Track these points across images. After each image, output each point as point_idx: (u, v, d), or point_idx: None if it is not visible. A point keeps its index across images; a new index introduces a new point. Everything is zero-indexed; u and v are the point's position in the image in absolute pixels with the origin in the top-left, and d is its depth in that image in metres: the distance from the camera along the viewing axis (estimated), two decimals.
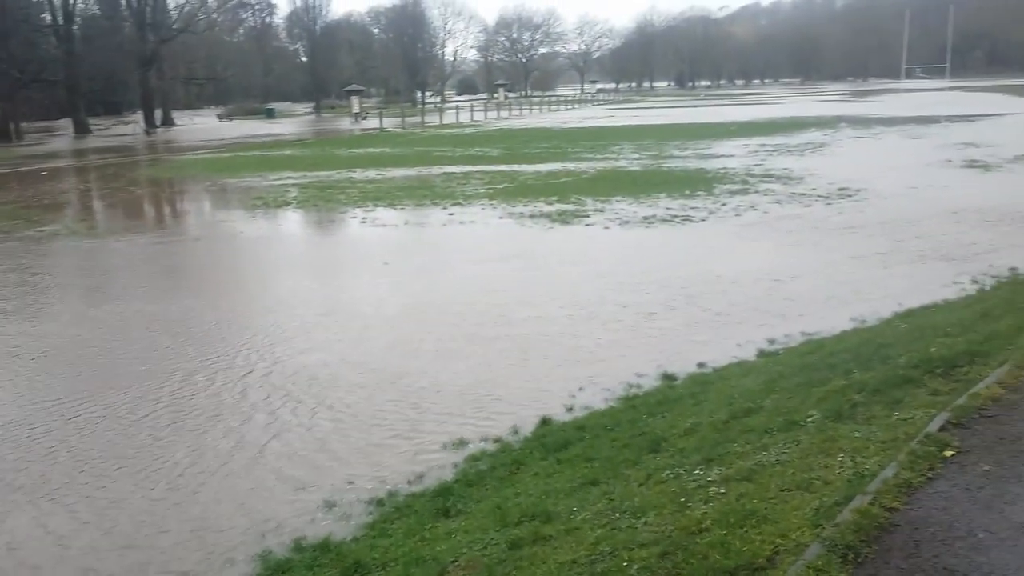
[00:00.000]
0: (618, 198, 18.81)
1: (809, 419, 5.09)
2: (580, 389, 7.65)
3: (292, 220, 18.68)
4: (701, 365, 8.05)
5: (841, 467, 4.17)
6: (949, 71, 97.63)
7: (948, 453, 4.12)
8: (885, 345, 6.33)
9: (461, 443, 6.56)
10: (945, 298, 9.55)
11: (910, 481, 3.83)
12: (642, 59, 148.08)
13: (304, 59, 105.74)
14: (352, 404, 7.52)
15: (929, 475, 3.91)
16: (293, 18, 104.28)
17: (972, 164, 22.96)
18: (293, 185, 23.79)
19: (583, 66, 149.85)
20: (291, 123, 68.32)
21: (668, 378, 7.74)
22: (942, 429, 4.39)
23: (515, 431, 6.73)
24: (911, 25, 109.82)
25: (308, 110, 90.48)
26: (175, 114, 70.61)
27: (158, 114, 66.80)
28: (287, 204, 20.40)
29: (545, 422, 6.85)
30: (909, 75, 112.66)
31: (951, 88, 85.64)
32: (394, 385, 7.95)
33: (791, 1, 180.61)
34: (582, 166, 26.01)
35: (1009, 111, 48.14)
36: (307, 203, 20.44)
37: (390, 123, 53.67)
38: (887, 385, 5.33)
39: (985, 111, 48.44)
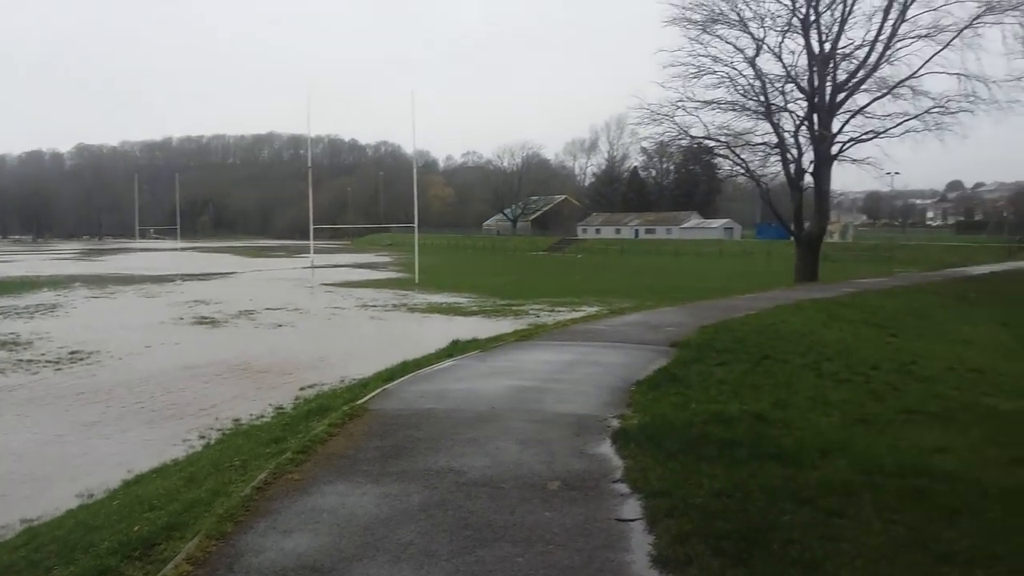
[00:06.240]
0: None
1: None
2: None
3: None
4: None
5: None
6: (180, 232, 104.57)
7: None
8: (95, 528, 5.89)
9: None
10: (175, 457, 9.60)
11: None
12: None
13: None
14: None
15: None
16: None
17: (202, 321, 24.61)
18: None
19: None
20: None
21: None
22: None
23: None
24: (141, 189, 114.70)
25: None
26: None
27: None
28: None
29: None
30: (143, 235, 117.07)
31: (185, 248, 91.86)
32: None
33: (18, 155, 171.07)
34: None
35: (237, 270, 53.83)
36: None
37: None
38: None
39: (216, 270, 53.16)
